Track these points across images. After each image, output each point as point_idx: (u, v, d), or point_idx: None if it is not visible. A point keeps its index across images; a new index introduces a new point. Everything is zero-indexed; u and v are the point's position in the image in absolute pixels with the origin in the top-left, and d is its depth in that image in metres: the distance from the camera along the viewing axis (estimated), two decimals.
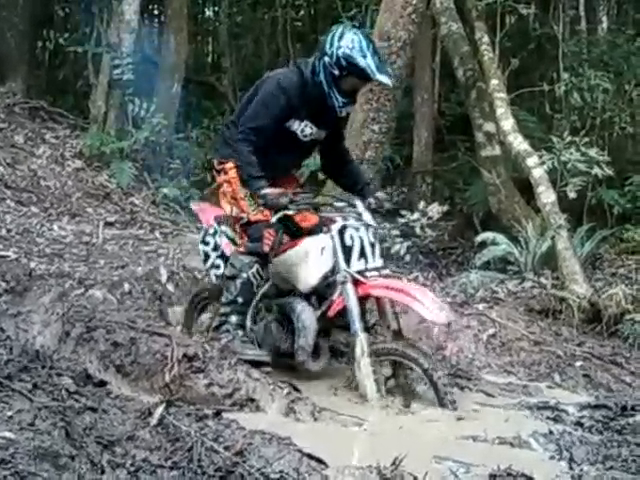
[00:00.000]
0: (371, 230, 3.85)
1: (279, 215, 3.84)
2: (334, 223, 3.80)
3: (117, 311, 4.34)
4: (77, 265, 5.43)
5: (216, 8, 13.76)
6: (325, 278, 3.80)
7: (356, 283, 3.69)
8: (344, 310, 3.69)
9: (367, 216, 3.88)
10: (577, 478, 2.79)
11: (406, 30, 6.48)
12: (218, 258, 4.28)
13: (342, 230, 3.76)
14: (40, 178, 7.48)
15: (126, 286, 4.95)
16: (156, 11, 13.17)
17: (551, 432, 3.28)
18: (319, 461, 2.66)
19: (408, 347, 3.65)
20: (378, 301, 3.79)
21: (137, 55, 8.87)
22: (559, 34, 9.14)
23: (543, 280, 5.92)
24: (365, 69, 3.76)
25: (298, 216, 3.98)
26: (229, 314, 4.03)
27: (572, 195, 6.58)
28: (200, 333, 4.15)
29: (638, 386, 4.46)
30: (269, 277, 4.09)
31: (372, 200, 4.04)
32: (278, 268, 3.98)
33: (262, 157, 3.87)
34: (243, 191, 3.99)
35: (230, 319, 4.01)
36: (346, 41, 3.77)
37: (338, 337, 4.00)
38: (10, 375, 2.92)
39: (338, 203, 4.09)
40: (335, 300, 3.76)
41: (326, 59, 3.81)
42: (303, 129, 4.01)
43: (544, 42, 10.09)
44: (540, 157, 6.57)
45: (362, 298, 3.72)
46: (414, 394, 3.67)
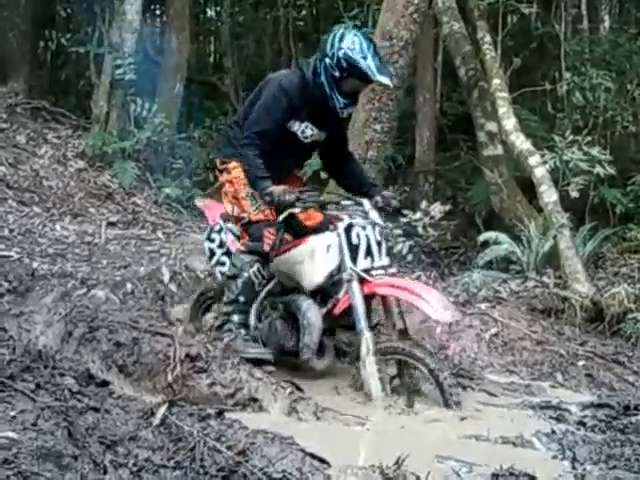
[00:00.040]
0: (378, 229, 3.84)
1: (285, 214, 3.85)
2: (340, 221, 3.80)
3: (119, 311, 4.36)
4: (79, 265, 5.42)
5: (218, 8, 13.78)
6: (331, 276, 3.80)
7: (362, 281, 3.70)
8: (349, 309, 3.70)
9: (374, 214, 3.88)
10: (580, 477, 2.79)
11: (408, 30, 6.47)
12: (223, 255, 4.28)
13: (349, 228, 3.76)
14: (42, 178, 7.48)
15: (128, 286, 4.96)
16: (158, 11, 13.17)
17: (554, 431, 3.28)
18: (322, 461, 2.66)
19: (414, 347, 3.66)
20: (384, 300, 3.78)
21: (139, 55, 8.88)
22: (561, 33, 9.13)
23: (545, 279, 5.92)
24: (365, 70, 3.75)
25: (302, 215, 3.98)
26: (231, 313, 4.03)
27: (574, 194, 6.57)
28: (203, 333, 4.15)
29: None
30: (271, 276, 4.09)
31: (379, 198, 4.03)
32: (283, 266, 3.97)
33: (265, 159, 3.88)
34: (245, 191, 3.99)
35: (232, 318, 4.02)
36: (347, 42, 3.77)
37: (341, 337, 4.00)
38: (13, 375, 2.92)
39: (345, 201, 4.09)
40: (341, 298, 3.76)
41: (327, 60, 3.81)
42: (304, 130, 4.02)
43: (546, 41, 10.07)
44: (542, 156, 6.57)
45: (368, 297, 3.72)
46: (419, 394, 3.67)
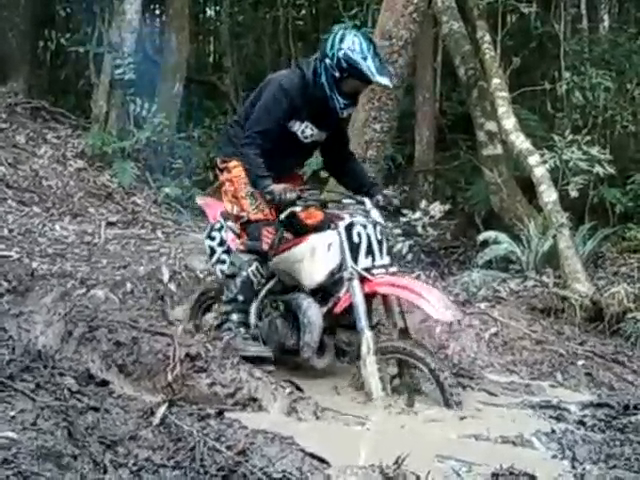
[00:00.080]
0: (379, 228, 3.84)
1: (287, 212, 3.85)
2: (341, 220, 3.80)
3: (119, 311, 4.36)
4: (79, 265, 5.43)
5: (217, 7, 13.79)
6: (332, 275, 3.80)
7: (363, 280, 3.70)
8: (350, 307, 3.70)
9: (375, 213, 3.88)
10: (580, 477, 2.79)
11: (407, 29, 6.47)
12: (224, 253, 4.28)
13: (349, 227, 3.76)
14: (42, 178, 7.49)
15: (128, 286, 4.96)
16: (157, 11, 13.18)
17: (553, 431, 3.28)
18: (322, 460, 2.66)
19: (415, 346, 3.65)
20: (385, 299, 3.78)
21: (138, 55, 8.89)
22: (560, 33, 9.13)
23: (545, 279, 5.92)
24: (365, 71, 3.75)
25: (303, 213, 3.99)
26: (230, 312, 4.03)
27: (574, 194, 6.58)
28: (203, 332, 4.15)
29: None
30: (270, 275, 4.09)
31: (380, 197, 4.03)
32: (284, 265, 3.98)
33: (266, 158, 3.88)
34: (244, 190, 3.99)
35: (231, 317, 4.02)
36: (347, 43, 3.77)
37: (341, 336, 3.99)
38: (12, 375, 2.92)
39: (346, 200, 4.09)
40: (341, 297, 3.76)
41: (327, 61, 3.81)
42: (304, 130, 4.02)
43: (545, 41, 10.07)
44: (542, 156, 6.56)
45: (368, 295, 3.72)
46: (419, 393, 3.66)
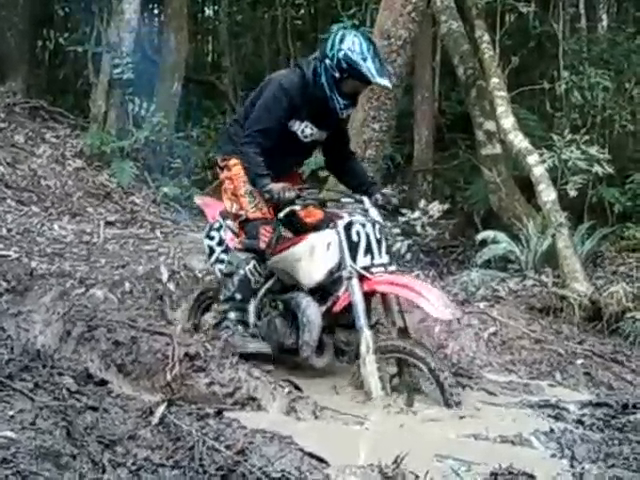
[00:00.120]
0: (378, 226, 3.84)
1: (286, 211, 3.85)
2: (340, 219, 3.80)
3: (118, 310, 4.36)
4: (78, 264, 5.42)
5: (216, 7, 13.78)
6: (331, 274, 3.80)
7: (362, 279, 3.70)
8: (349, 306, 3.70)
9: (374, 212, 3.89)
10: (578, 476, 2.79)
11: (406, 29, 6.47)
12: (223, 253, 4.28)
13: (348, 226, 3.76)
14: (41, 177, 7.48)
15: (127, 285, 4.95)
16: (156, 10, 13.15)
17: (552, 430, 3.28)
18: (320, 460, 2.66)
19: (415, 345, 3.65)
20: (384, 298, 3.78)
21: (137, 54, 8.88)
22: (559, 32, 9.12)
23: (544, 278, 5.91)
24: (365, 72, 3.75)
25: (303, 212, 4.00)
26: (228, 311, 4.04)
27: (573, 193, 6.57)
28: (202, 332, 4.15)
29: (639, 384, 4.45)
30: (269, 274, 4.09)
31: (379, 196, 4.03)
32: (283, 264, 3.98)
33: (266, 157, 3.88)
34: (244, 188, 4.00)
35: (229, 315, 4.03)
36: (347, 44, 3.77)
37: (340, 336, 3.99)
38: (11, 375, 2.92)
39: (345, 199, 4.09)
40: (341, 296, 3.76)
41: (327, 62, 3.81)
42: (303, 130, 4.02)
43: (544, 40, 10.07)
44: (541, 155, 6.56)
45: (367, 294, 3.72)
46: (419, 392, 3.66)
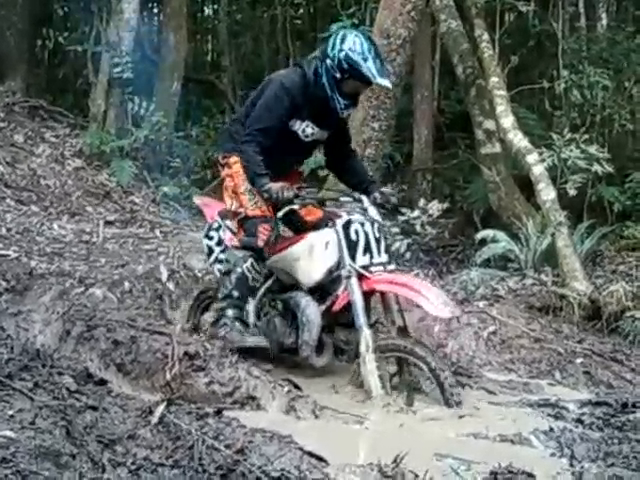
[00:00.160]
0: (376, 225, 3.84)
1: (285, 210, 3.85)
2: (339, 218, 3.80)
3: (117, 310, 4.36)
4: (77, 264, 5.42)
5: (215, 6, 13.78)
6: (330, 273, 3.81)
7: (361, 278, 3.70)
8: (348, 305, 3.70)
9: (373, 211, 3.89)
10: (578, 475, 2.79)
11: (405, 28, 6.47)
12: (222, 253, 4.28)
13: (347, 225, 3.76)
14: (40, 177, 7.48)
15: (126, 285, 4.95)
16: (155, 9, 13.15)
17: (552, 429, 3.28)
18: (320, 459, 2.66)
19: (416, 344, 3.65)
20: (383, 297, 3.78)
21: (136, 54, 8.88)
22: (558, 31, 9.12)
23: (543, 277, 5.91)
24: (366, 73, 3.75)
25: (303, 210, 4.00)
26: (225, 308, 4.05)
27: (572, 192, 6.58)
28: (201, 332, 4.15)
29: (638, 383, 4.44)
30: (268, 273, 4.09)
31: (378, 195, 4.03)
32: (282, 263, 3.98)
33: (266, 156, 3.88)
34: (244, 186, 3.99)
35: (227, 313, 4.03)
36: (348, 44, 3.77)
37: (339, 335, 3.99)
38: (11, 374, 2.92)
39: (343, 198, 4.09)
40: (340, 295, 3.76)
41: (328, 62, 3.82)
42: (304, 129, 4.02)
43: (544, 39, 10.07)
44: (540, 154, 6.56)
45: (367, 293, 3.71)
46: (419, 391, 3.66)
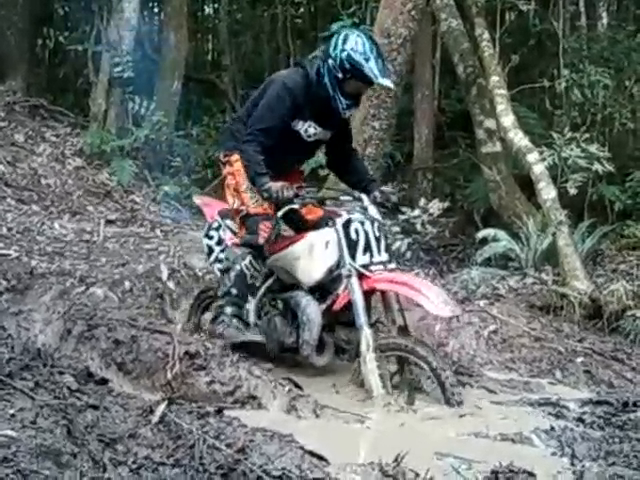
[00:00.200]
0: (376, 224, 3.84)
1: (285, 210, 3.85)
2: (339, 217, 3.80)
3: (118, 309, 4.36)
4: (78, 263, 5.42)
5: (216, 5, 13.79)
6: (330, 272, 3.81)
7: (361, 277, 3.69)
8: (349, 305, 3.69)
9: (372, 210, 3.89)
10: (579, 474, 2.79)
11: (406, 27, 6.47)
12: (222, 252, 4.28)
13: (347, 224, 3.76)
14: (41, 176, 7.48)
15: (127, 284, 4.95)
16: (156, 9, 13.14)
17: (553, 428, 3.28)
18: (321, 458, 2.66)
19: (417, 344, 3.64)
20: (383, 296, 3.78)
21: (137, 53, 8.88)
22: (559, 30, 9.12)
23: (544, 276, 5.91)
24: (368, 73, 3.76)
25: (303, 209, 4.00)
26: (224, 306, 4.06)
27: (573, 191, 6.57)
28: (202, 331, 4.16)
29: (639, 382, 4.45)
30: (268, 273, 4.10)
31: (377, 194, 4.02)
32: (282, 262, 3.98)
33: (268, 156, 3.88)
34: (245, 184, 4.00)
35: (225, 310, 4.05)
36: (350, 44, 3.78)
37: (340, 334, 4.00)
38: (11, 373, 2.92)
39: (343, 197, 4.09)
40: (340, 294, 3.76)
41: (330, 62, 3.82)
42: (307, 129, 4.02)
43: (544, 38, 10.07)
44: (541, 153, 6.56)
45: (367, 292, 3.71)
46: (419, 391, 3.66)
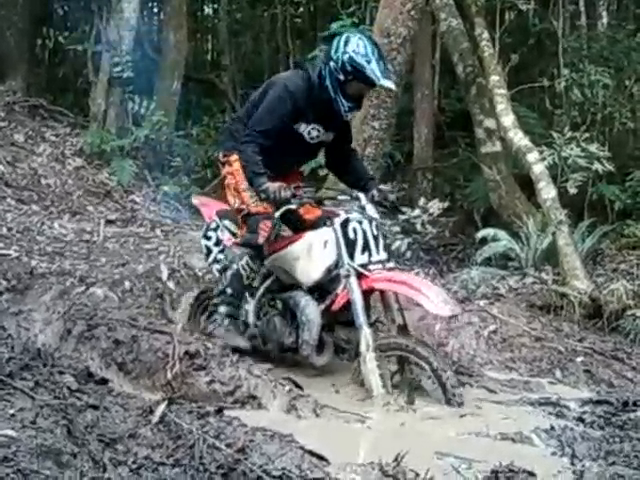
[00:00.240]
0: (375, 223, 3.84)
1: (282, 210, 3.85)
2: (337, 216, 3.81)
3: (118, 309, 4.36)
4: (78, 263, 5.42)
5: (215, 5, 13.78)
6: (329, 272, 3.81)
7: (360, 276, 3.69)
8: (348, 304, 3.70)
9: (370, 209, 3.88)
10: (579, 474, 2.79)
11: (406, 26, 6.48)
12: (220, 253, 4.29)
13: (345, 223, 3.76)
14: (40, 176, 7.47)
15: (127, 284, 4.95)
16: (155, 9, 13.14)
17: (553, 428, 3.28)
18: (321, 458, 2.66)
19: (418, 344, 3.64)
20: (382, 295, 3.78)
21: (137, 53, 8.87)
22: (559, 30, 9.12)
23: (544, 276, 5.91)
24: (370, 75, 3.76)
25: (302, 208, 4.00)
26: (219, 304, 4.09)
27: (573, 191, 6.57)
28: (201, 331, 4.15)
29: (639, 381, 4.45)
30: (267, 273, 4.11)
31: (375, 192, 4.02)
32: (281, 262, 3.98)
33: (268, 157, 3.88)
34: (245, 183, 4.00)
35: (219, 309, 4.08)
36: (351, 46, 3.78)
37: (339, 334, 4.00)
38: (12, 373, 2.92)
39: (341, 197, 4.09)
40: (339, 294, 3.76)
41: (332, 64, 3.82)
42: (310, 131, 4.03)
43: (544, 38, 10.07)
44: (541, 153, 6.56)
45: (366, 292, 3.71)
46: (420, 390, 3.65)
